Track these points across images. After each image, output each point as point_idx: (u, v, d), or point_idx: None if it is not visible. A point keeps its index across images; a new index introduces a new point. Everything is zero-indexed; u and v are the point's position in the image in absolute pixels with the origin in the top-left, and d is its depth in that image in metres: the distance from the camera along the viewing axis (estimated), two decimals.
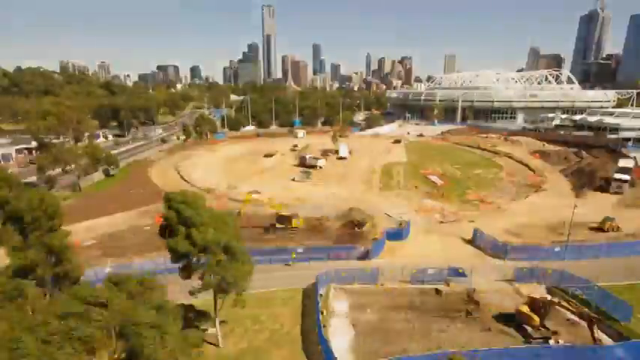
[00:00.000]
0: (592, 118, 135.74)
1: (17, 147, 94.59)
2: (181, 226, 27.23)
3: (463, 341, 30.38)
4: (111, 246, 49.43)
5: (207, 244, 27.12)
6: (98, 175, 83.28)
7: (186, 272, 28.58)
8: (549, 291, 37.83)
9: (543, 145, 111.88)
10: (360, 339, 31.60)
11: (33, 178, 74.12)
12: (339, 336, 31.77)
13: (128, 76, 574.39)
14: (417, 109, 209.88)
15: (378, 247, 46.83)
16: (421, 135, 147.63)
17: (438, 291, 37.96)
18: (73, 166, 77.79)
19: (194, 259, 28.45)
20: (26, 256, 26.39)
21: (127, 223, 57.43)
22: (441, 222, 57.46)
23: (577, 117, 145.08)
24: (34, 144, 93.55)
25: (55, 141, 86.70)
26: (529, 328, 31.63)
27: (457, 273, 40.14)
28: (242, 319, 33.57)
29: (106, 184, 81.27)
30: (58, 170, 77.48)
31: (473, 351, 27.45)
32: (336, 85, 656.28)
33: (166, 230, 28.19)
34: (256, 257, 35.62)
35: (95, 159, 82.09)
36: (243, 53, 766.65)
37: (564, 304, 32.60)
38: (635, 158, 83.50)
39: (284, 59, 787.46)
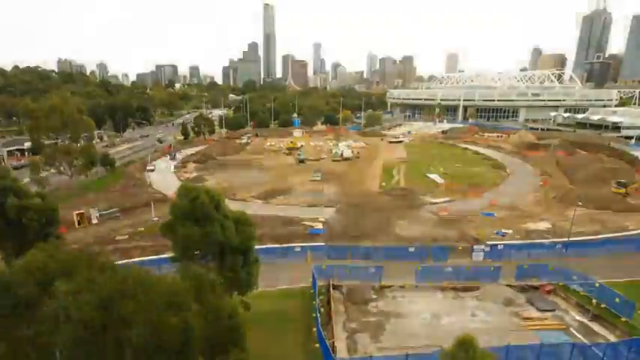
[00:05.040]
0: (595, 117, 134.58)
1: (9, 148, 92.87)
2: (197, 220, 25.67)
3: None
4: (105, 247, 47.19)
5: (229, 243, 25.66)
6: (93, 176, 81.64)
7: None
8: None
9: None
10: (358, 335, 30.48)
11: (26, 180, 72.38)
12: (338, 334, 30.62)
13: (126, 75, 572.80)
14: (419, 109, 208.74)
15: None
16: (421, 134, 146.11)
17: None
18: (67, 167, 76.02)
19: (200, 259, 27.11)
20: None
21: (121, 224, 55.99)
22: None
23: (579, 116, 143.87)
24: (26, 145, 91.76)
25: (51, 142, 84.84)
26: None
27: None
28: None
29: (100, 184, 79.74)
30: (52, 171, 75.86)
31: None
32: (337, 84, 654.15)
33: (174, 225, 26.53)
34: None
35: (90, 160, 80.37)
36: (244, 52, 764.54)
37: None
38: None
39: (284, 58, 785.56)
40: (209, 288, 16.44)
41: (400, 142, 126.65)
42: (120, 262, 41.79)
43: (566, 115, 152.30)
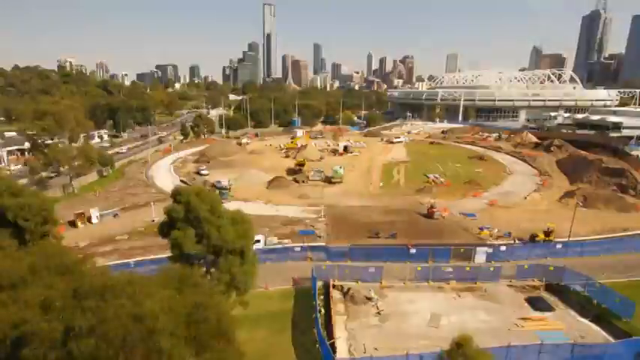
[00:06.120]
0: (595, 117, 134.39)
1: (9, 148, 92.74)
2: (192, 222, 25.91)
3: None
4: (105, 247, 47.99)
5: (224, 244, 25.83)
6: (92, 176, 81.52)
7: None
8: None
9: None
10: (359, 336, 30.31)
11: (25, 180, 72.23)
12: (338, 334, 30.57)
13: (126, 75, 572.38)
14: (419, 109, 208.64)
15: None
16: (421, 134, 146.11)
17: None
18: (66, 167, 75.78)
19: (198, 259, 27.28)
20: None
21: (121, 224, 56.02)
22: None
23: (580, 116, 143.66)
24: (26, 145, 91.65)
25: (49, 142, 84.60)
26: None
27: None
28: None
29: (100, 185, 79.69)
30: (52, 172, 75.64)
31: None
32: (337, 84, 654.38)
33: (170, 227, 26.77)
34: None
35: (89, 160, 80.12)
36: (244, 52, 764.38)
37: None
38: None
39: (284, 58, 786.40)
40: (191, 283, 16.39)
41: (400, 142, 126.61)
42: (119, 262, 42.19)
43: (567, 115, 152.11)
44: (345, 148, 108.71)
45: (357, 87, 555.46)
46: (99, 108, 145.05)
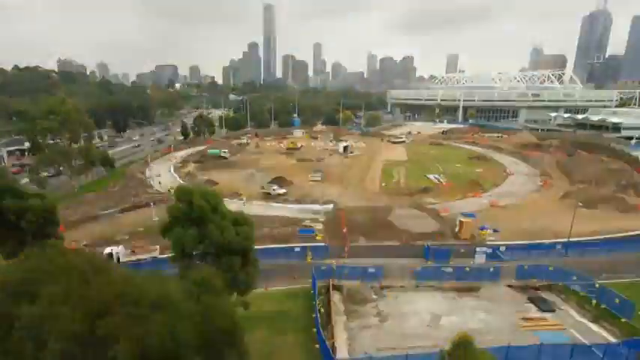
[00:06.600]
0: (595, 117, 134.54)
1: (9, 148, 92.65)
2: (194, 222, 25.93)
3: None
4: (105, 247, 47.47)
5: (226, 244, 25.86)
6: (93, 176, 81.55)
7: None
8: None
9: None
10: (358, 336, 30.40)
11: (25, 180, 72.29)
12: (338, 334, 30.56)
13: (126, 75, 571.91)
14: (419, 109, 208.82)
15: None
16: (421, 135, 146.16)
17: None
18: (67, 167, 75.82)
19: (200, 259, 27.36)
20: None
21: (121, 224, 55.95)
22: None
23: (580, 116, 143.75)
24: (27, 145, 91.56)
25: (50, 142, 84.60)
26: None
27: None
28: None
29: (101, 185, 79.71)
30: (52, 171, 75.72)
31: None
32: (337, 84, 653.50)
33: (172, 226, 26.77)
34: None
35: (90, 160, 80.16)
36: (244, 53, 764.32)
37: None
38: None
39: (284, 59, 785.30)
40: (209, 287, 16.33)
41: (400, 142, 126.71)
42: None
43: (567, 115, 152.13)
44: (345, 149, 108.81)
45: (357, 87, 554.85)
46: (99, 108, 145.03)
